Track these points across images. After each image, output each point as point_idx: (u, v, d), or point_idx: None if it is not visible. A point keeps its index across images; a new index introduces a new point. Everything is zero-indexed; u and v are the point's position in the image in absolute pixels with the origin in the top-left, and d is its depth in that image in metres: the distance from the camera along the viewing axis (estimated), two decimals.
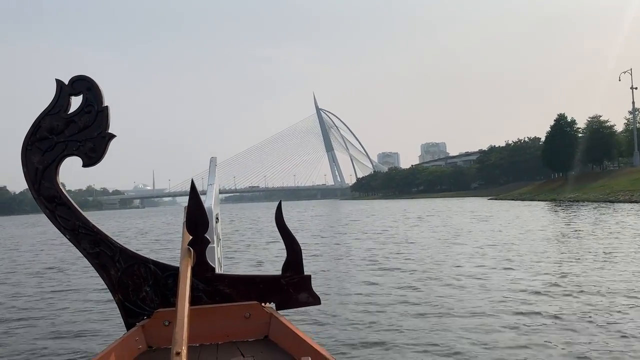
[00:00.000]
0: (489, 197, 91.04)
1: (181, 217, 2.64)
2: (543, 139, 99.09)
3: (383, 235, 23.13)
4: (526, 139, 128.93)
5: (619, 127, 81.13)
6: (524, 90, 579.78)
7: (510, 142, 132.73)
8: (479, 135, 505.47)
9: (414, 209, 55.04)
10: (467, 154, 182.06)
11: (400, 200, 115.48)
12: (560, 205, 47.54)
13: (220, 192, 5.27)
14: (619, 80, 77.89)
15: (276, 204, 2.58)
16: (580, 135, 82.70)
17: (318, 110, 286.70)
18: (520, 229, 23.01)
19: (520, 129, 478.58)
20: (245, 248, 19.83)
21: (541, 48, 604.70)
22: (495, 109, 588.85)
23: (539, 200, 64.77)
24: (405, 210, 54.45)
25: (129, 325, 2.45)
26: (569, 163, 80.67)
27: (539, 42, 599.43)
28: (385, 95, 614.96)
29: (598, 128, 78.81)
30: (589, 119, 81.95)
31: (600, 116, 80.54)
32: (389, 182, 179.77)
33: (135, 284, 2.49)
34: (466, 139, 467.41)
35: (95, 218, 2.70)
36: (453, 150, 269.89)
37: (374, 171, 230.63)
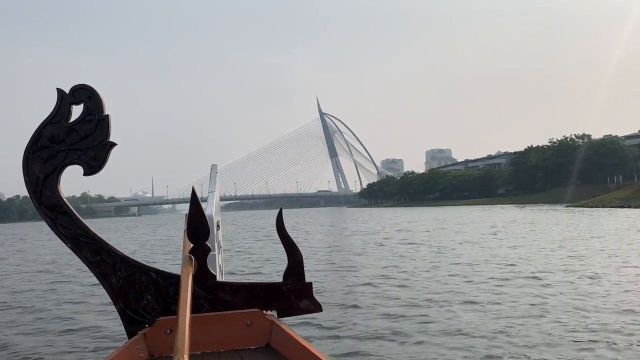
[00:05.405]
0: (566, 204, 74.25)
1: (179, 228, 2.86)
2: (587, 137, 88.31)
3: None
4: (574, 137, 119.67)
5: None
6: (533, 93, 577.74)
7: (554, 140, 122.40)
8: (485, 141, 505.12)
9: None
10: (491, 157, 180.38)
11: (431, 209, 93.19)
12: None
13: (221, 199, 5.50)
14: None
15: (277, 211, 2.77)
16: None
17: (322, 114, 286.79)
18: None
19: (530, 133, 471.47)
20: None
21: (550, 50, 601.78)
22: (502, 113, 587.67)
23: None
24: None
25: (130, 334, 2.65)
26: None
27: (547, 44, 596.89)
28: (388, 102, 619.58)
29: None
30: None
31: None
32: (405, 188, 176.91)
33: (137, 292, 2.70)
34: (472, 144, 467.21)
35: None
36: (459, 157, 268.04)
37: (386, 176, 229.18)
